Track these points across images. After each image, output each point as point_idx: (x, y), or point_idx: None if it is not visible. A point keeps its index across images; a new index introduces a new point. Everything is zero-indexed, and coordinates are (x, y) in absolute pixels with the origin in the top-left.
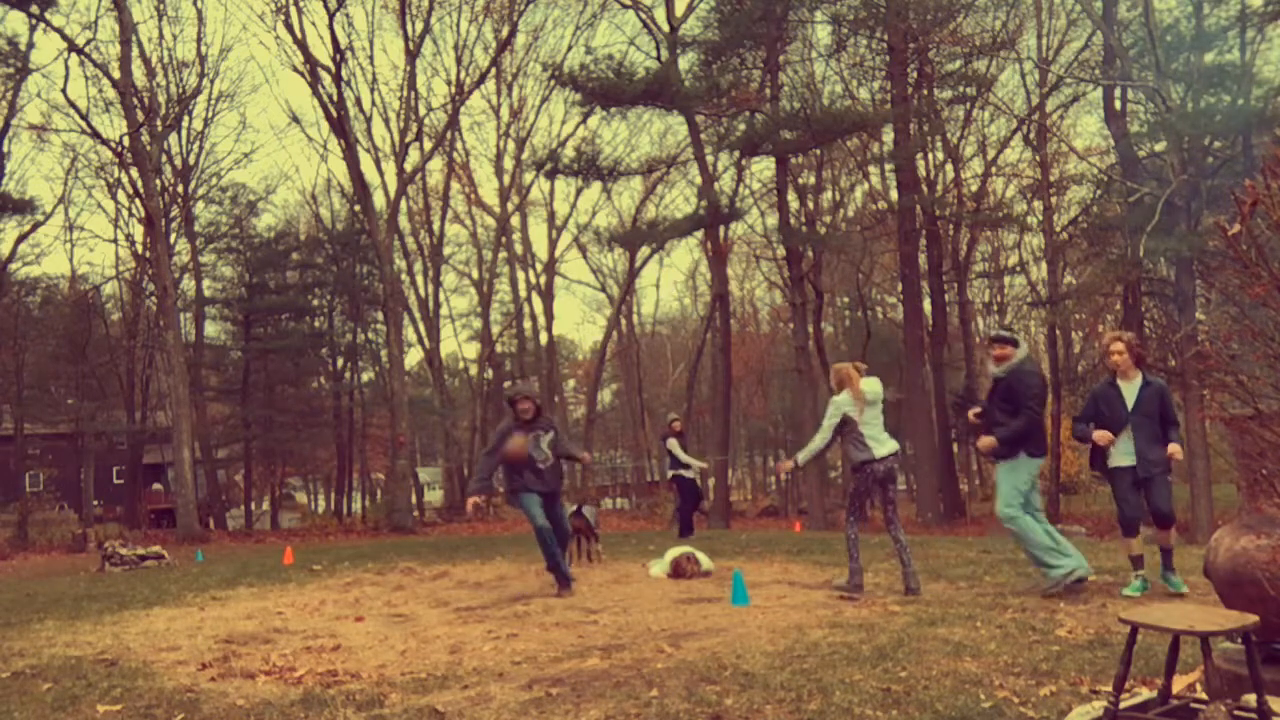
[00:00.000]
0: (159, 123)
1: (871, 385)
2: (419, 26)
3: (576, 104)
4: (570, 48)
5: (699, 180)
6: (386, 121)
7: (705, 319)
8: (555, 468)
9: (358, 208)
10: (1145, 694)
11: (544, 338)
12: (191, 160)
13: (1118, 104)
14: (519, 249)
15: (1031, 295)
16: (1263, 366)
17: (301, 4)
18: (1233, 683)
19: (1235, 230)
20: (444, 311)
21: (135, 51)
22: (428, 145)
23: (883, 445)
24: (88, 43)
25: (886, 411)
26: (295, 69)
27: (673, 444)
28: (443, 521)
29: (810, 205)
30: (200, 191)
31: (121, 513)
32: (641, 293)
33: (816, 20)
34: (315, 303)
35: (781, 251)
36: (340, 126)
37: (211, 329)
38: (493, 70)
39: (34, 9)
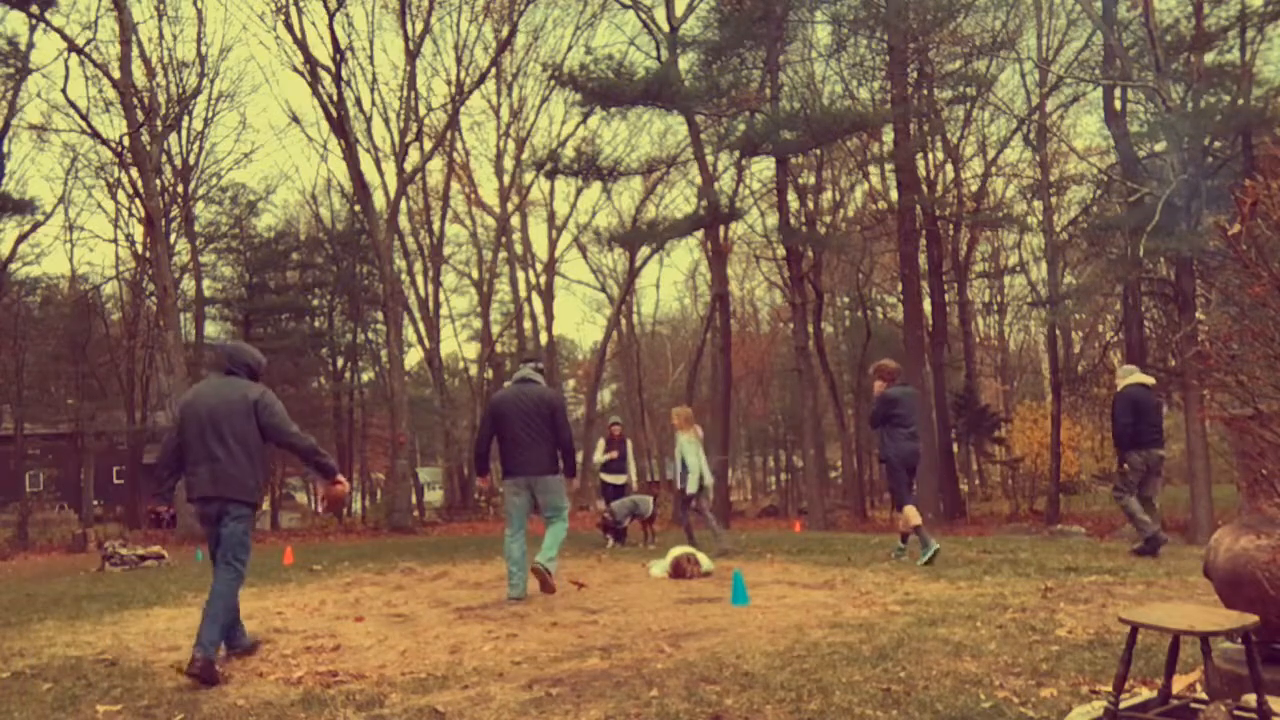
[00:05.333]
0: (159, 123)
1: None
2: (419, 26)
3: (576, 104)
4: (570, 48)
5: (699, 180)
6: (386, 121)
7: (705, 319)
8: None
9: (358, 208)
10: (1145, 694)
11: (544, 338)
12: (191, 160)
13: (1118, 104)
14: (519, 249)
15: (1031, 295)
16: (1263, 366)
17: (301, 4)
18: (1233, 683)
19: (1235, 230)
20: (444, 311)
21: (135, 51)
22: (428, 145)
23: (703, 479)
24: (88, 43)
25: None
26: (295, 69)
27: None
28: (443, 521)
29: (810, 205)
30: (200, 191)
31: (121, 513)
32: (641, 293)
33: (816, 20)
34: (315, 303)
35: (781, 251)
36: (340, 126)
37: (211, 329)
38: (493, 70)
39: (34, 9)
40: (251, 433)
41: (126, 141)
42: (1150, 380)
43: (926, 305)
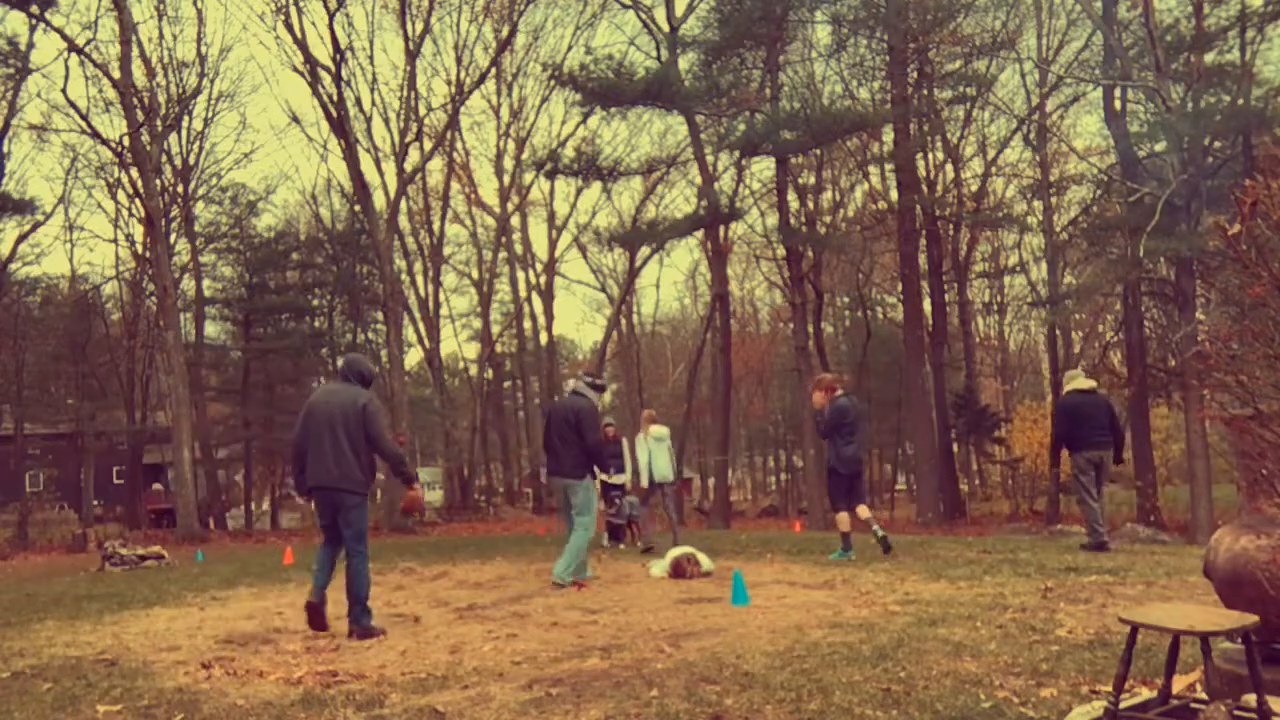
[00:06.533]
0: (159, 123)
1: (658, 430)
2: (419, 26)
3: (576, 104)
4: (570, 48)
5: (699, 180)
6: (386, 121)
7: (705, 319)
8: None
9: (358, 208)
10: (1145, 694)
11: (544, 338)
12: (191, 160)
13: (1118, 104)
14: (519, 249)
15: (1031, 295)
16: (1263, 366)
17: (301, 4)
18: (1233, 683)
19: (1235, 230)
20: (444, 311)
21: (135, 51)
22: (428, 145)
23: (659, 473)
24: (88, 43)
25: (674, 448)
26: (295, 69)
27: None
28: (443, 521)
29: (810, 205)
30: (200, 191)
31: (121, 513)
32: (641, 293)
33: (816, 20)
34: (315, 303)
35: (781, 251)
36: (340, 126)
37: (211, 329)
38: (493, 70)
39: (34, 9)
40: (359, 432)
41: (126, 141)
42: (1089, 384)
43: (926, 305)
